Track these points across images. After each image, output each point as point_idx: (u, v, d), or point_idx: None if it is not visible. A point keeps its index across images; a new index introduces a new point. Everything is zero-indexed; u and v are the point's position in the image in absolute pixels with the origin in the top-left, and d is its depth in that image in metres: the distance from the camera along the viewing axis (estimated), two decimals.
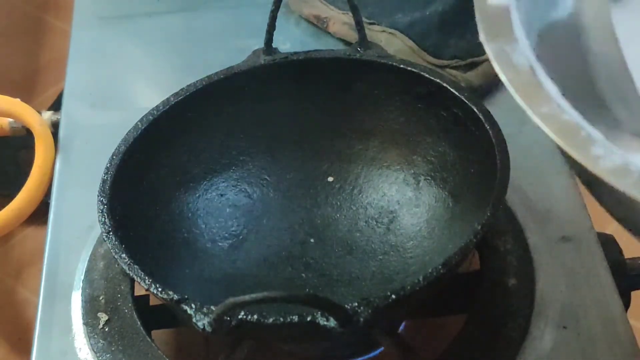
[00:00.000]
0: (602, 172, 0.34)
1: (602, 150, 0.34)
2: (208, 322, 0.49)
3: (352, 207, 0.67)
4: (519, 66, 0.38)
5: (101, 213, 0.57)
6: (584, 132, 0.35)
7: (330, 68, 0.67)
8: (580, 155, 0.34)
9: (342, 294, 0.61)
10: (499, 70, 0.38)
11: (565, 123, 0.36)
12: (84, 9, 0.91)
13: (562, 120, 0.36)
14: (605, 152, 0.34)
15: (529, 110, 0.36)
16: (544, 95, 0.37)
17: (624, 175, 0.33)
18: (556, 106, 0.36)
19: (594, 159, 0.34)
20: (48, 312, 0.64)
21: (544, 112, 0.36)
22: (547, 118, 0.36)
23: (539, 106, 0.36)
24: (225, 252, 0.64)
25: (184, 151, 0.66)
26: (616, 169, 0.34)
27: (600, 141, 0.35)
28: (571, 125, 0.36)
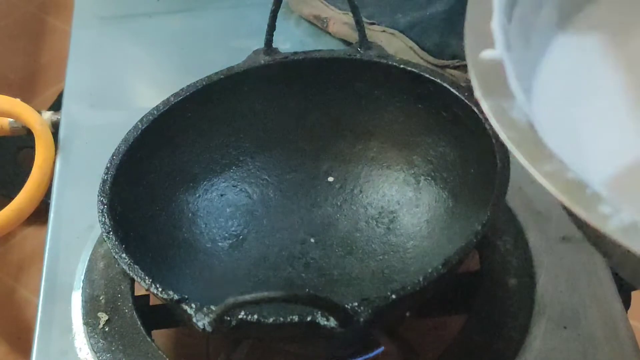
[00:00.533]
0: (612, 231, 0.33)
1: (610, 208, 0.34)
2: (208, 322, 0.49)
3: (352, 207, 0.67)
4: (517, 123, 0.38)
5: (101, 213, 0.57)
6: (590, 190, 0.34)
7: (330, 68, 0.67)
8: (588, 215, 0.34)
9: (342, 294, 0.61)
10: (498, 128, 0.38)
11: (570, 181, 0.35)
12: (84, 9, 0.91)
13: (566, 178, 0.35)
14: (613, 211, 0.34)
15: (532, 169, 0.36)
16: (546, 153, 0.36)
17: (635, 233, 0.33)
18: (559, 163, 0.36)
19: (603, 218, 0.34)
20: (48, 312, 0.64)
21: (548, 171, 0.36)
22: (551, 176, 0.35)
23: (542, 164, 0.36)
24: (225, 252, 0.64)
25: (184, 151, 0.66)
26: (626, 228, 0.33)
27: (606, 199, 0.34)
28: (576, 183, 0.35)
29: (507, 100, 0.39)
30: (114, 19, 0.89)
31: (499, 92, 0.39)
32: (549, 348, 0.57)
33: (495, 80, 0.40)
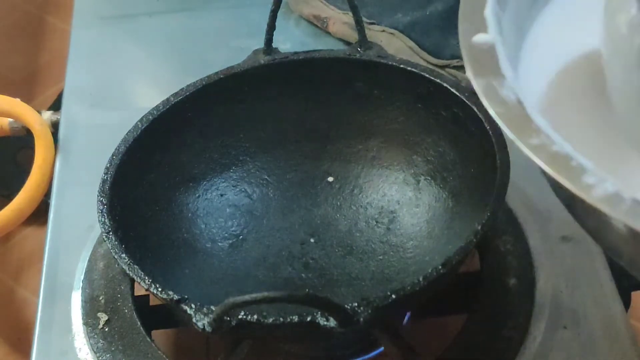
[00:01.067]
0: (595, 200, 0.34)
1: (594, 178, 0.35)
2: (208, 322, 0.49)
3: (352, 207, 0.67)
4: (507, 100, 0.39)
5: (101, 213, 0.57)
6: (575, 162, 0.35)
7: (330, 68, 0.67)
8: (572, 185, 0.35)
9: (342, 294, 0.61)
10: (487, 105, 0.39)
11: (555, 154, 0.36)
12: (84, 9, 0.91)
13: (552, 151, 0.36)
14: (597, 181, 0.34)
15: (519, 142, 0.37)
16: (533, 127, 0.38)
17: (617, 202, 0.34)
18: (545, 138, 0.37)
19: (586, 188, 0.34)
20: (48, 312, 0.64)
21: (534, 144, 0.37)
22: (537, 149, 0.37)
23: (529, 138, 0.37)
24: (225, 252, 0.64)
25: (184, 151, 0.66)
26: (609, 197, 0.34)
27: (591, 170, 0.35)
28: (561, 156, 0.36)
29: (497, 79, 0.40)
30: (114, 19, 0.89)
31: (490, 72, 0.40)
32: (549, 348, 0.57)
33: (486, 61, 0.41)
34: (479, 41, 0.42)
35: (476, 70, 0.40)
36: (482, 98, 0.39)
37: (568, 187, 0.35)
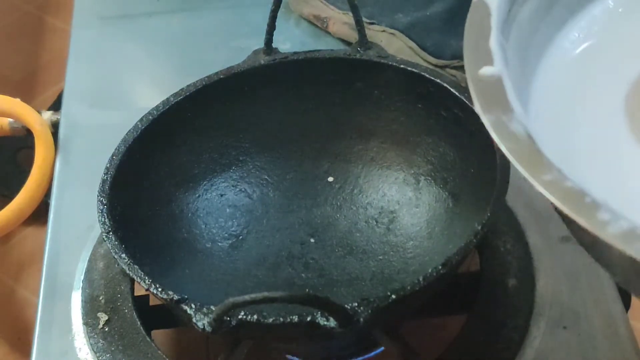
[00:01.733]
0: (610, 237, 0.34)
1: (608, 215, 0.34)
2: (208, 322, 0.49)
3: (352, 207, 0.67)
4: (517, 135, 0.38)
5: (101, 213, 0.57)
6: (588, 198, 0.35)
7: (330, 68, 0.67)
8: (587, 222, 0.34)
9: (342, 294, 0.61)
10: (498, 140, 0.38)
11: (569, 190, 0.36)
12: (84, 9, 0.91)
13: (565, 187, 0.36)
14: (612, 218, 0.34)
15: (532, 179, 0.36)
16: (545, 163, 0.37)
17: (633, 240, 0.33)
18: (558, 173, 0.36)
19: (601, 225, 0.34)
20: (48, 312, 0.64)
21: (547, 180, 0.36)
22: (550, 185, 0.36)
23: (542, 174, 0.36)
24: (225, 252, 0.64)
25: (184, 151, 0.66)
26: (624, 234, 0.34)
27: (605, 206, 0.34)
28: (575, 192, 0.35)
29: (506, 114, 0.39)
30: (114, 19, 0.89)
31: (499, 107, 0.40)
32: (548, 348, 0.57)
33: (494, 95, 0.40)
34: (485, 74, 0.41)
35: (484, 104, 0.40)
36: (492, 133, 0.39)
37: (583, 225, 0.34)
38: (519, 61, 0.45)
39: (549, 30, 0.49)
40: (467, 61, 0.42)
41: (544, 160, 0.37)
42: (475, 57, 0.42)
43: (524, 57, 0.46)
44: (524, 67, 0.46)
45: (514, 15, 0.46)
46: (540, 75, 0.47)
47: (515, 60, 0.44)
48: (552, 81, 0.47)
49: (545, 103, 0.45)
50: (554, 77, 0.47)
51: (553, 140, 0.42)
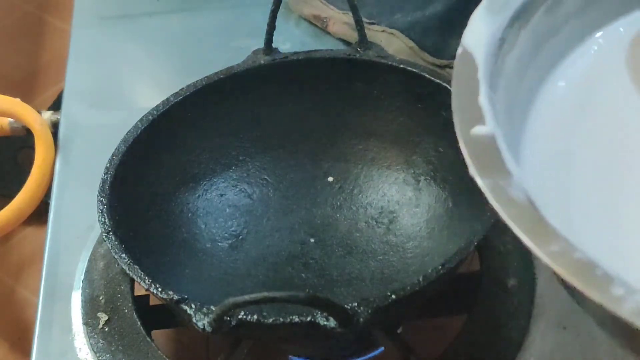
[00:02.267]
0: (628, 314, 0.32)
1: (623, 290, 0.32)
2: (208, 322, 0.49)
3: (352, 207, 0.67)
4: (517, 201, 0.37)
5: (101, 213, 0.57)
6: (600, 271, 0.33)
7: (330, 68, 0.67)
8: (602, 297, 0.32)
9: (342, 294, 0.61)
10: (498, 208, 0.37)
11: (578, 262, 0.34)
12: (84, 9, 0.91)
13: (574, 259, 0.34)
14: (627, 292, 0.32)
15: (538, 250, 0.35)
16: (550, 232, 0.35)
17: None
18: (565, 243, 0.34)
19: (616, 301, 0.32)
20: (48, 312, 0.64)
21: (555, 251, 0.34)
22: (558, 257, 0.34)
23: (548, 244, 0.35)
24: (225, 252, 0.64)
25: (184, 151, 0.66)
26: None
27: (617, 279, 0.33)
28: (585, 264, 0.33)
29: (503, 178, 0.37)
30: (114, 19, 0.89)
31: (495, 170, 0.38)
32: (548, 348, 0.57)
33: (489, 157, 0.39)
34: (478, 134, 0.39)
35: (480, 168, 0.38)
36: (491, 200, 0.37)
37: (596, 300, 0.32)
38: (508, 113, 0.43)
39: (536, 77, 0.47)
40: (458, 120, 0.40)
41: (549, 229, 0.35)
42: (466, 116, 0.40)
43: (513, 107, 0.45)
44: (513, 118, 0.44)
45: (500, 65, 0.44)
46: (530, 124, 0.46)
47: (504, 112, 0.42)
48: (543, 129, 0.46)
49: (538, 154, 0.44)
50: (544, 124, 0.46)
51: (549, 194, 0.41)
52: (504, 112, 0.42)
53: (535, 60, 0.47)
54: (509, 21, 0.45)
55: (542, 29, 0.47)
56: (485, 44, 0.43)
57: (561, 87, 0.48)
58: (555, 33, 0.48)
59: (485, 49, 0.43)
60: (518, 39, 0.46)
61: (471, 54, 0.43)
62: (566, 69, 0.49)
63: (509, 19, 0.45)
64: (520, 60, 0.46)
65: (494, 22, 0.45)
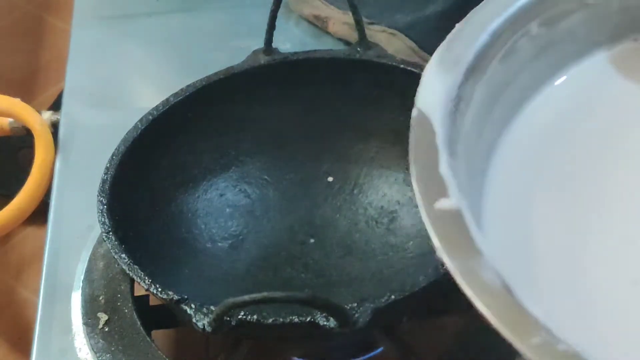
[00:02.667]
0: None
1: None
2: (208, 322, 0.49)
3: (352, 207, 0.67)
4: (491, 286, 0.34)
5: (101, 213, 0.57)
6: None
7: (330, 68, 0.67)
8: None
9: (342, 295, 0.61)
10: (472, 296, 0.34)
11: (563, 354, 0.31)
12: (84, 9, 0.91)
13: (558, 352, 0.31)
14: None
15: (519, 344, 0.32)
16: (530, 321, 0.33)
17: None
18: (547, 335, 0.32)
19: None
20: (48, 312, 0.64)
21: (536, 344, 0.32)
22: (541, 351, 0.32)
23: (529, 336, 0.32)
24: (225, 252, 0.64)
25: (184, 151, 0.66)
26: None
27: None
28: (570, 356, 0.31)
29: (474, 258, 0.34)
30: (114, 18, 0.89)
31: (464, 249, 0.35)
32: None
33: (456, 234, 0.36)
34: (442, 208, 0.36)
35: (448, 248, 0.35)
36: (464, 287, 0.34)
37: None
38: (469, 176, 0.41)
39: (494, 133, 0.45)
40: (420, 193, 0.37)
41: (529, 319, 0.33)
42: (428, 188, 0.37)
43: (473, 169, 0.42)
44: (473, 181, 0.42)
45: (459, 126, 0.41)
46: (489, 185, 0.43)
47: (466, 176, 0.40)
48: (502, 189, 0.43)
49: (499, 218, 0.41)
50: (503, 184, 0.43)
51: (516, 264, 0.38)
52: (465, 176, 0.40)
53: (491, 115, 0.45)
54: (464, 76, 0.42)
55: (498, 79, 0.45)
56: (440, 105, 0.41)
57: (518, 141, 0.46)
58: (510, 82, 0.46)
59: (442, 111, 0.41)
60: (474, 95, 0.43)
61: (427, 117, 0.40)
62: (523, 121, 0.46)
63: (463, 73, 0.43)
64: (477, 117, 0.43)
65: (448, 78, 0.42)
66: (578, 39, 0.48)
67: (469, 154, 0.41)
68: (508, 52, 0.45)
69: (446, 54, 0.44)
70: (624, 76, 0.48)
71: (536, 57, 0.47)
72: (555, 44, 0.47)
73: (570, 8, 0.47)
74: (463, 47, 0.44)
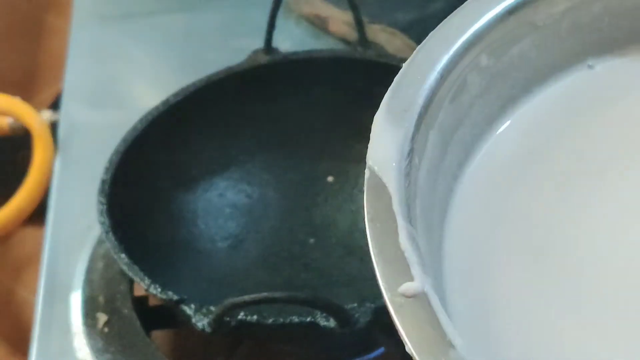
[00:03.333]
0: None
1: None
2: (208, 322, 0.49)
3: (352, 207, 0.67)
4: None
5: (101, 213, 0.57)
6: None
7: (330, 68, 0.67)
8: None
9: (342, 295, 0.61)
10: None
11: None
12: (83, 9, 0.91)
13: None
14: None
15: None
16: None
17: None
18: None
19: None
20: (47, 312, 0.63)
21: None
22: None
23: None
24: (225, 252, 0.64)
25: (184, 151, 0.66)
26: None
27: None
28: None
29: (445, 354, 0.31)
30: (114, 18, 0.89)
31: (436, 344, 0.31)
32: None
33: (425, 324, 0.32)
34: (407, 293, 0.33)
35: (417, 342, 0.32)
36: None
37: None
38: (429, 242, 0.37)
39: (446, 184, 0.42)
40: (381, 274, 0.34)
41: None
42: (389, 267, 0.34)
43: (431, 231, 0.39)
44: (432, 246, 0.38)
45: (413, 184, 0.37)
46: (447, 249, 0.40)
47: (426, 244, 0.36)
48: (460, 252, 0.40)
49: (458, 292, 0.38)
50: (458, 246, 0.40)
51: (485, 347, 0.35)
52: (424, 239, 0.36)
53: (443, 164, 0.41)
54: (415, 126, 0.39)
55: (449, 122, 0.41)
56: (393, 163, 0.37)
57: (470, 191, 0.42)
58: (460, 124, 0.42)
59: (396, 170, 0.37)
60: (427, 144, 0.40)
61: (380, 179, 0.36)
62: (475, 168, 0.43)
63: (414, 123, 0.39)
64: (431, 169, 0.40)
65: (399, 131, 0.38)
66: (528, 68, 0.45)
67: (425, 212, 0.38)
68: (458, 89, 0.42)
69: (394, 101, 0.40)
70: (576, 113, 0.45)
71: (486, 91, 0.43)
72: (505, 74, 0.44)
73: (520, 32, 0.44)
74: (412, 92, 0.40)
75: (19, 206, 0.74)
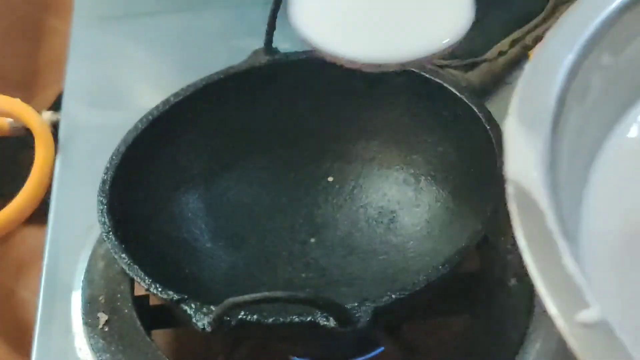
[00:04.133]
0: None
1: None
2: (208, 322, 0.49)
3: (352, 207, 0.67)
4: None
5: (101, 213, 0.57)
6: None
7: (330, 68, 0.67)
8: None
9: (343, 294, 0.61)
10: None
11: None
12: (84, 9, 0.91)
13: None
14: None
15: None
16: None
17: None
18: None
19: None
20: (48, 312, 0.64)
21: None
22: None
23: None
24: (225, 252, 0.64)
25: (184, 151, 0.66)
26: None
27: None
28: None
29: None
30: (114, 19, 0.89)
31: None
32: (549, 349, 0.57)
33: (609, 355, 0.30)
34: (587, 321, 0.31)
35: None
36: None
37: None
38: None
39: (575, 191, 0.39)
40: (553, 304, 0.32)
41: None
42: (560, 297, 0.32)
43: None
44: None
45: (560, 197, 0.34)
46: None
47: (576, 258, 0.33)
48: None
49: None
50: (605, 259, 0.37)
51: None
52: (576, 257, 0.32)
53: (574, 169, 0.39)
54: (552, 131, 0.35)
55: (578, 125, 0.39)
56: (540, 176, 0.34)
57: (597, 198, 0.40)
58: (586, 126, 0.40)
59: (543, 184, 0.34)
60: (563, 151, 0.36)
61: (528, 194, 0.34)
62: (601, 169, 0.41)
63: (551, 128, 0.35)
64: (568, 177, 0.37)
65: (536, 138, 0.35)
66: None
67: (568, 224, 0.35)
68: (584, 90, 0.39)
69: (524, 106, 0.36)
70: None
71: (608, 91, 0.41)
72: (625, 72, 0.42)
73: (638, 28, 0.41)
74: (542, 95, 0.37)
75: (19, 206, 0.74)
